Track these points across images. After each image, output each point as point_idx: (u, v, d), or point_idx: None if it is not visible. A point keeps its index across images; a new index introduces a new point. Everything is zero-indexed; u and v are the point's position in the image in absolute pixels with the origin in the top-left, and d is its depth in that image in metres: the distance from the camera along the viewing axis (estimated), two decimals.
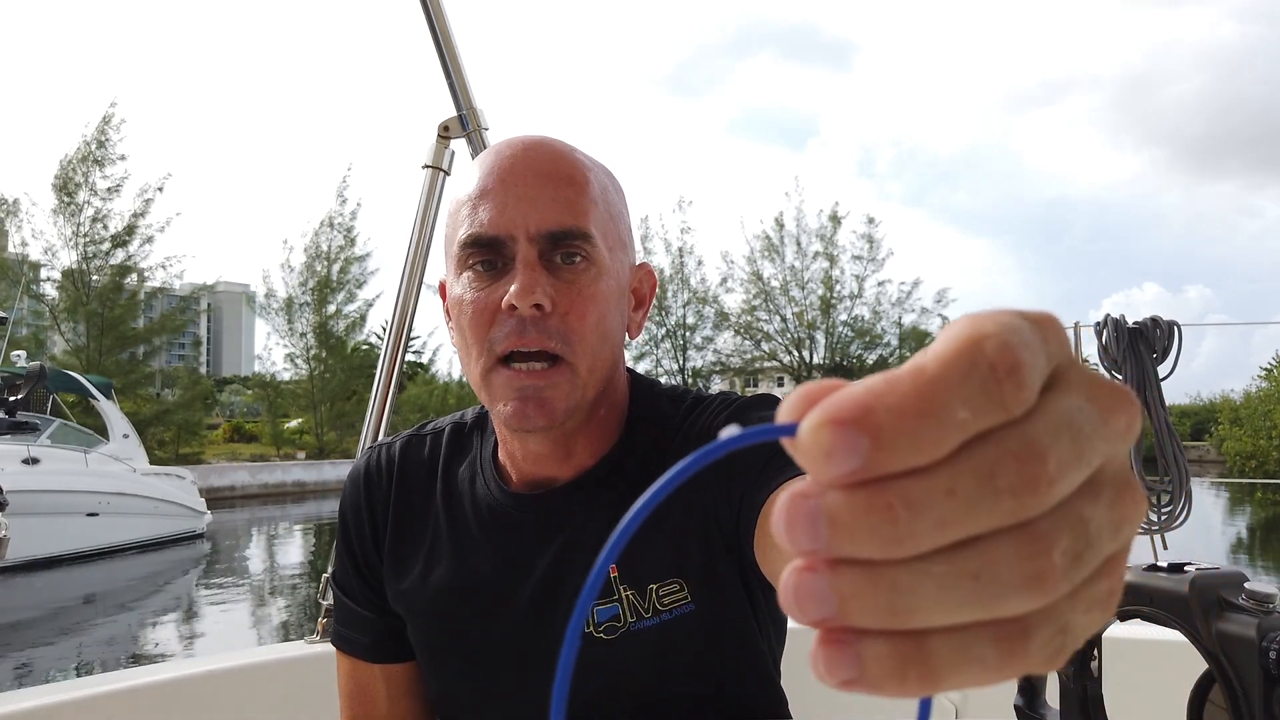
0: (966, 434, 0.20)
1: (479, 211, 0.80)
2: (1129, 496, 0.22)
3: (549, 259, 0.79)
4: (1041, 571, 0.20)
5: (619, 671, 0.81)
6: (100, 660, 7.75)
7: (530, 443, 0.85)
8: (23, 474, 10.91)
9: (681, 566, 0.82)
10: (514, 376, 0.78)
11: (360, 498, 0.96)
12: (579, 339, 0.79)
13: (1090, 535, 0.21)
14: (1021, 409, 0.20)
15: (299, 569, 12.74)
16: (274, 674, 1.41)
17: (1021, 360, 0.20)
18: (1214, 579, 0.60)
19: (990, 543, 0.20)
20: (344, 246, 27.01)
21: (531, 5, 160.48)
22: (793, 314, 38.10)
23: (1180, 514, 2.77)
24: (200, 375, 34.10)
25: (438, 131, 1.73)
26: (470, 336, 0.80)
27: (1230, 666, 0.56)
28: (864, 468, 0.20)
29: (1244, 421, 28.11)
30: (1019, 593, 0.20)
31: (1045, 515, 0.21)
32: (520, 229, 0.78)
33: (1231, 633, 0.57)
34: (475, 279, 0.80)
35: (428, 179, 1.72)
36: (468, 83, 1.73)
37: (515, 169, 0.81)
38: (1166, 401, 2.80)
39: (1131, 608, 0.64)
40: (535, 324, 0.77)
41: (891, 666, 0.21)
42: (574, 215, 0.80)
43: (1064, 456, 0.20)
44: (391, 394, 1.67)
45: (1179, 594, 0.60)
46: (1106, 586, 0.22)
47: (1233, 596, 0.59)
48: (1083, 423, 0.21)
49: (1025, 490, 0.20)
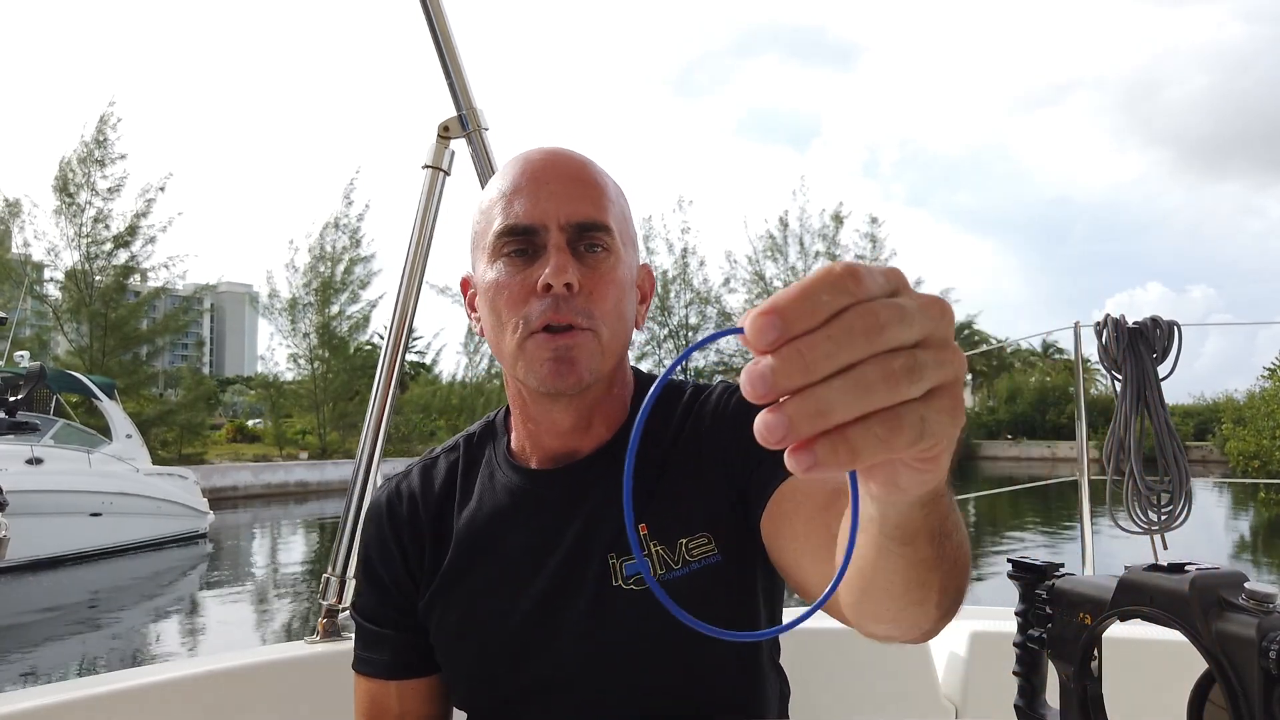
0: (832, 309, 0.35)
1: (514, 205, 0.90)
2: (948, 349, 0.38)
3: (575, 247, 0.89)
4: (890, 375, 0.36)
5: (647, 620, 0.88)
6: (106, 654, 7.78)
7: (556, 411, 0.94)
8: (26, 474, 10.93)
9: (710, 521, 0.90)
10: (547, 339, 0.88)
11: (385, 531, 1.03)
12: (601, 315, 0.89)
13: (919, 363, 0.37)
14: (861, 293, 0.36)
15: (301, 569, 12.76)
16: (274, 674, 1.41)
17: (858, 270, 0.36)
18: (1214, 579, 0.60)
19: (862, 365, 0.36)
20: (348, 247, 27.05)
21: (542, 7, 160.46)
22: None
23: (1180, 514, 2.76)
24: (203, 375, 34.19)
25: (437, 132, 1.73)
26: (506, 314, 0.90)
27: (1230, 666, 0.56)
28: (779, 335, 0.35)
29: (1247, 421, 28.05)
30: (882, 391, 0.36)
31: (891, 351, 0.36)
32: (552, 219, 0.89)
33: (1231, 633, 0.57)
34: (510, 264, 0.90)
35: (428, 179, 1.72)
36: (468, 83, 1.73)
37: (545, 169, 0.91)
38: (1169, 402, 2.79)
39: (1131, 608, 0.63)
40: (565, 301, 0.87)
41: (829, 451, 0.36)
42: (597, 210, 0.91)
43: (891, 317, 0.36)
44: (392, 394, 1.67)
45: (1179, 594, 0.60)
46: (948, 401, 0.38)
47: (1233, 596, 0.58)
48: (907, 305, 0.37)
49: (871, 332, 0.35)
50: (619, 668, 0.90)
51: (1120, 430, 2.74)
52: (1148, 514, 2.78)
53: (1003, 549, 13.55)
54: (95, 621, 9.41)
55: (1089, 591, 0.68)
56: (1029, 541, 14.62)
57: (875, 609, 0.66)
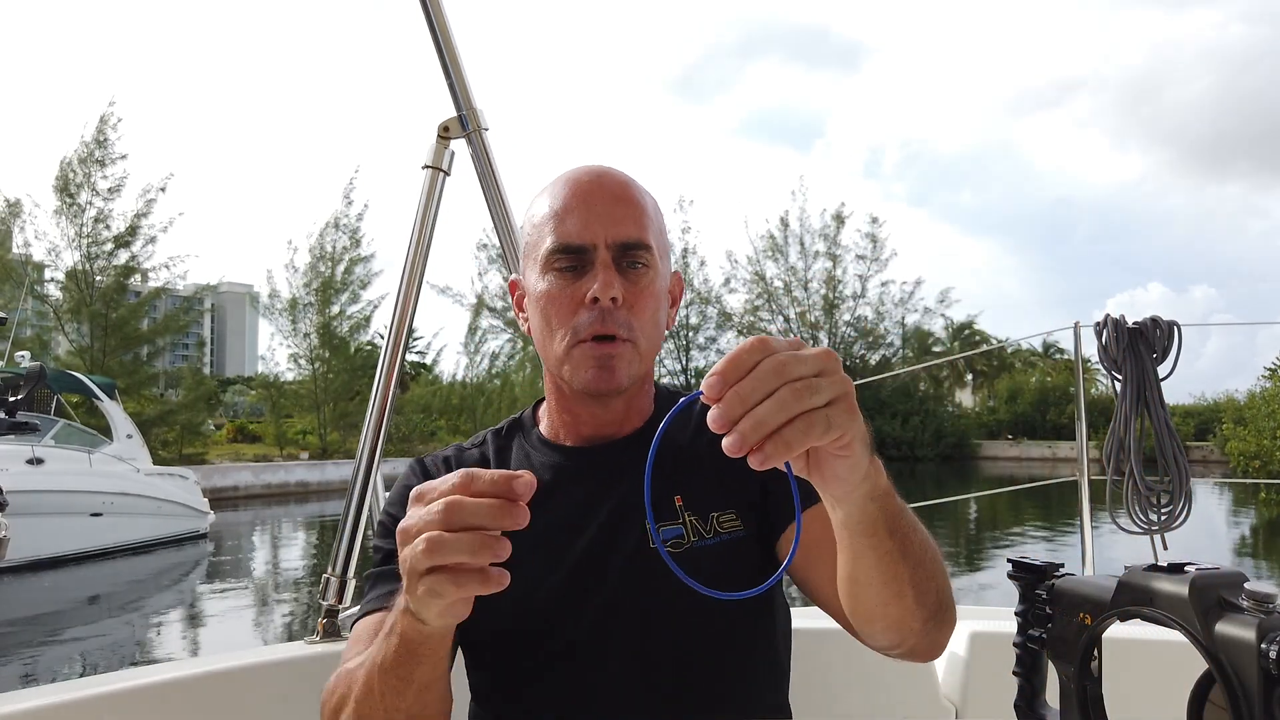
0: (752, 364, 0.58)
1: (565, 224, 0.99)
2: (836, 375, 0.60)
3: (619, 263, 0.99)
4: (796, 392, 0.57)
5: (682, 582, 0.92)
6: (107, 650, 7.82)
7: (595, 407, 1.04)
8: (27, 474, 10.94)
9: (739, 500, 1.02)
10: (593, 348, 0.98)
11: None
12: (640, 326, 1.00)
13: (816, 384, 0.58)
14: (770, 352, 0.58)
15: (301, 569, 12.76)
16: (274, 674, 1.41)
17: (767, 340, 0.59)
18: (1214, 579, 0.60)
19: (778, 391, 0.57)
20: (348, 247, 27.04)
21: (544, 7, 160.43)
22: (796, 314, 38.00)
23: (1180, 514, 2.76)
24: (204, 376, 34.12)
25: (437, 132, 1.73)
26: (556, 322, 1.00)
27: (1230, 667, 0.56)
28: (724, 387, 0.57)
29: (1248, 422, 28.04)
30: (793, 402, 0.57)
31: (797, 379, 0.58)
32: (600, 239, 0.98)
33: (1231, 633, 0.57)
34: (560, 278, 0.99)
35: (428, 179, 1.72)
36: (468, 83, 1.73)
37: (594, 191, 1.01)
38: (1170, 402, 2.79)
39: (1131, 608, 0.63)
40: (609, 314, 0.97)
41: (772, 446, 0.57)
42: (639, 230, 1.00)
43: (792, 360, 0.58)
44: (392, 394, 1.67)
45: (1179, 594, 0.60)
46: (844, 405, 0.60)
47: (1233, 597, 0.58)
48: (803, 354, 0.59)
49: (780, 371, 0.57)
50: (654, 627, 0.97)
51: (1120, 430, 2.74)
52: (1147, 514, 2.78)
53: (1003, 549, 13.54)
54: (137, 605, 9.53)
55: (1089, 592, 0.68)
56: (1030, 540, 14.61)
57: (863, 607, 0.83)
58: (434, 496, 0.68)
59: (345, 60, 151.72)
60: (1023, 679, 0.77)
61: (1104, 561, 3.45)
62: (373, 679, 0.82)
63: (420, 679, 0.80)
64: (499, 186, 1.77)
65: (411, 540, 0.68)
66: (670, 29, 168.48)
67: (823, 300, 37.59)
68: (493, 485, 0.66)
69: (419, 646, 0.78)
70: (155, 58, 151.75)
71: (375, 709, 0.82)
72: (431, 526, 0.66)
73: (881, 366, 37.99)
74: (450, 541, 0.65)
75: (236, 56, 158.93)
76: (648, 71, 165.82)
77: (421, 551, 0.66)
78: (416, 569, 0.67)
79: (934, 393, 42.02)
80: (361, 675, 0.84)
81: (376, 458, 1.64)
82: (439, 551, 0.65)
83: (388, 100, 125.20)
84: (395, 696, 0.81)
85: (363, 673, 0.84)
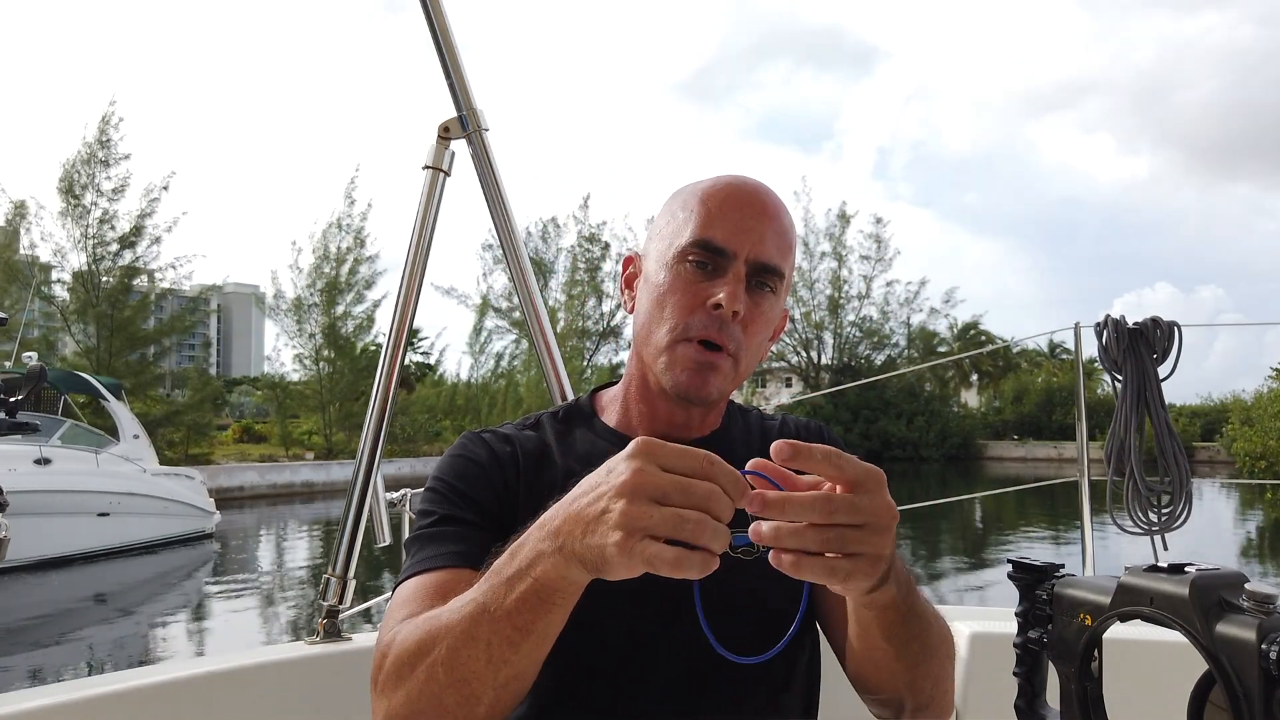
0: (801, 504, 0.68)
1: (715, 222, 0.98)
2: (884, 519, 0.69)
3: (750, 280, 0.98)
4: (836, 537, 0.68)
5: (755, 583, 0.93)
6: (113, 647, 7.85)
7: (675, 407, 1.03)
8: (34, 474, 10.99)
9: None
10: (698, 350, 0.97)
11: (486, 455, 1.04)
12: (747, 346, 1.00)
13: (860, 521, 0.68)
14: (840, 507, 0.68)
15: (306, 569, 12.79)
16: (274, 674, 1.41)
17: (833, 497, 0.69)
18: (1214, 580, 0.59)
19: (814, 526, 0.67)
20: (352, 247, 27.11)
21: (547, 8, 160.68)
22: (800, 315, 38.01)
23: (1181, 514, 2.75)
24: (210, 376, 34.18)
25: (438, 132, 1.73)
26: (670, 313, 0.99)
27: (1230, 668, 0.56)
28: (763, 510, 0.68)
29: (1255, 422, 27.93)
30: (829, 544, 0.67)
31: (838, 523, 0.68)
32: (743, 250, 0.97)
33: (1232, 634, 0.56)
34: (690, 272, 0.98)
35: (428, 180, 1.72)
36: (468, 84, 1.73)
37: (752, 202, 1.00)
38: (1176, 402, 2.78)
39: (1132, 609, 0.63)
40: (726, 325, 0.97)
41: (811, 567, 0.68)
42: (780, 256, 1.00)
43: (839, 504, 0.68)
44: (392, 394, 1.67)
45: (1179, 595, 0.59)
46: (880, 540, 0.69)
47: (1233, 597, 0.58)
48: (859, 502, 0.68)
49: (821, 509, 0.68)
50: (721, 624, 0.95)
51: (1120, 431, 2.73)
52: (1148, 515, 2.77)
53: (1007, 548, 13.52)
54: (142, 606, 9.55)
55: (1089, 592, 0.68)
56: (1035, 539, 14.59)
57: (870, 671, 0.90)
58: (684, 469, 0.68)
59: (347, 61, 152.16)
60: (1023, 679, 0.77)
61: (1105, 562, 3.45)
62: (478, 627, 0.77)
63: (540, 631, 0.76)
64: (499, 187, 1.77)
65: (651, 497, 0.67)
66: (680, 32, 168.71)
67: (828, 300, 37.57)
68: (734, 487, 0.68)
69: (555, 594, 0.74)
70: (157, 58, 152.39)
71: (477, 657, 0.77)
72: (693, 504, 0.66)
73: (886, 366, 37.92)
74: (712, 529, 0.66)
75: (237, 57, 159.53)
76: (656, 73, 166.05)
77: (686, 523, 0.66)
78: (656, 531, 0.66)
79: (939, 393, 42.00)
80: (459, 622, 0.78)
81: (377, 459, 1.64)
82: (700, 534, 0.66)
83: (391, 100, 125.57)
84: (507, 647, 0.76)
85: (460, 619, 0.78)
